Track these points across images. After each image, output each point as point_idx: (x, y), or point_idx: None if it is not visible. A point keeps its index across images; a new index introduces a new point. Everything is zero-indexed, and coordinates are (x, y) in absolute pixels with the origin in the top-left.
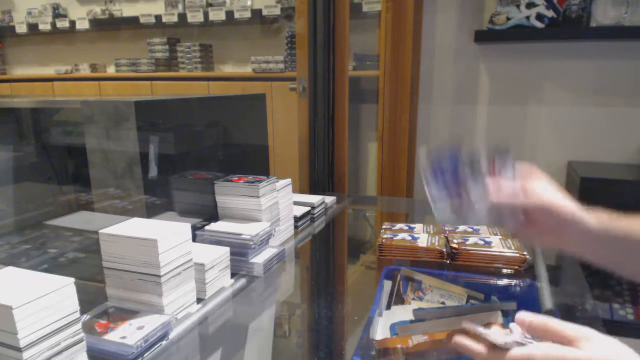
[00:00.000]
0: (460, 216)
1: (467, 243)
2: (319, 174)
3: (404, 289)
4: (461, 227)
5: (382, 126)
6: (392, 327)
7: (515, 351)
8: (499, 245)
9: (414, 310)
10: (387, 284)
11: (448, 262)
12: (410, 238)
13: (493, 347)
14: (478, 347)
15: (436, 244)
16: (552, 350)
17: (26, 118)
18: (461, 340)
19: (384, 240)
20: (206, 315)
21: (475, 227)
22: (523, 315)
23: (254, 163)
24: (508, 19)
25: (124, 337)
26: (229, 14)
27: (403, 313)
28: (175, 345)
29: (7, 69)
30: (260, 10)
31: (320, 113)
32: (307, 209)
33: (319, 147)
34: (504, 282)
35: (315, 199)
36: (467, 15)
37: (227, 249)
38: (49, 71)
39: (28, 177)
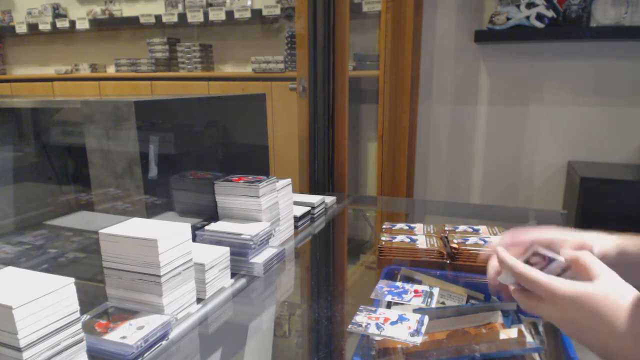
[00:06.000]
0: None
1: (467, 243)
2: (319, 174)
3: None
4: (461, 227)
5: (382, 126)
6: None
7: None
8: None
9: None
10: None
11: (448, 262)
12: (409, 240)
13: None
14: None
15: (436, 244)
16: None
17: (26, 118)
18: (501, 251)
19: (383, 243)
20: (206, 315)
21: (475, 227)
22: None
23: (254, 163)
24: (508, 19)
25: (124, 337)
26: (229, 14)
27: None
28: (175, 345)
29: (7, 69)
30: (260, 10)
31: (320, 113)
32: (307, 209)
33: (319, 147)
34: None
35: (315, 199)
36: (467, 15)
37: (227, 249)
38: (49, 71)
39: (28, 177)
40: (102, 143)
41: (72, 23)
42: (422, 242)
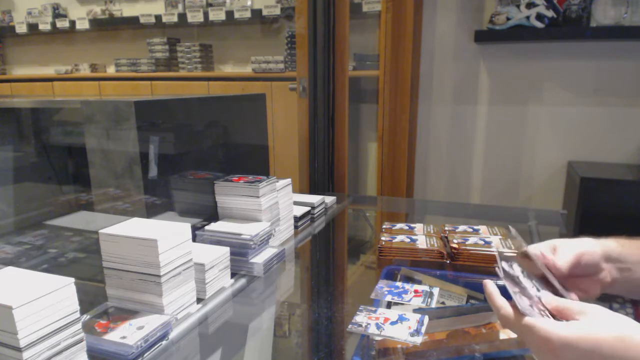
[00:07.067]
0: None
1: (467, 243)
2: (319, 174)
3: None
4: (461, 227)
5: (382, 126)
6: None
7: (531, 320)
8: (499, 245)
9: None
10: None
11: (448, 262)
12: (409, 240)
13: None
14: (501, 301)
15: (436, 244)
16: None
17: (26, 118)
18: (490, 286)
19: (383, 243)
20: (206, 315)
21: (475, 227)
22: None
23: (254, 163)
24: (508, 19)
25: (124, 337)
26: (229, 14)
27: None
28: (175, 345)
29: (7, 69)
30: (260, 10)
31: (320, 113)
32: (307, 209)
33: (319, 147)
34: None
35: (315, 199)
36: (467, 15)
37: (227, 249)
38: (49, 71)
39: (28, 177)
40: (102, 143)
41: (72, 23)
42: (422, 242)
